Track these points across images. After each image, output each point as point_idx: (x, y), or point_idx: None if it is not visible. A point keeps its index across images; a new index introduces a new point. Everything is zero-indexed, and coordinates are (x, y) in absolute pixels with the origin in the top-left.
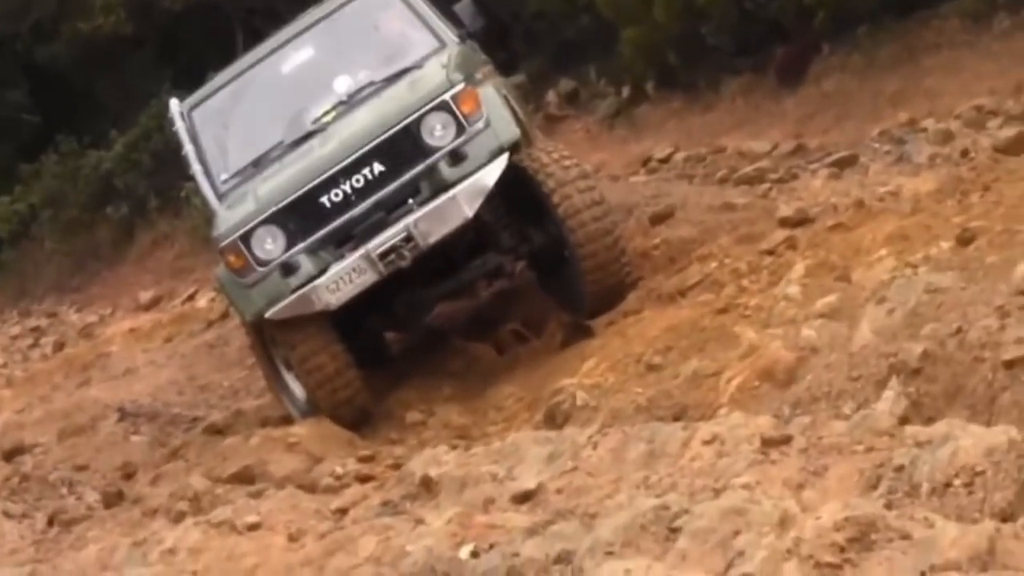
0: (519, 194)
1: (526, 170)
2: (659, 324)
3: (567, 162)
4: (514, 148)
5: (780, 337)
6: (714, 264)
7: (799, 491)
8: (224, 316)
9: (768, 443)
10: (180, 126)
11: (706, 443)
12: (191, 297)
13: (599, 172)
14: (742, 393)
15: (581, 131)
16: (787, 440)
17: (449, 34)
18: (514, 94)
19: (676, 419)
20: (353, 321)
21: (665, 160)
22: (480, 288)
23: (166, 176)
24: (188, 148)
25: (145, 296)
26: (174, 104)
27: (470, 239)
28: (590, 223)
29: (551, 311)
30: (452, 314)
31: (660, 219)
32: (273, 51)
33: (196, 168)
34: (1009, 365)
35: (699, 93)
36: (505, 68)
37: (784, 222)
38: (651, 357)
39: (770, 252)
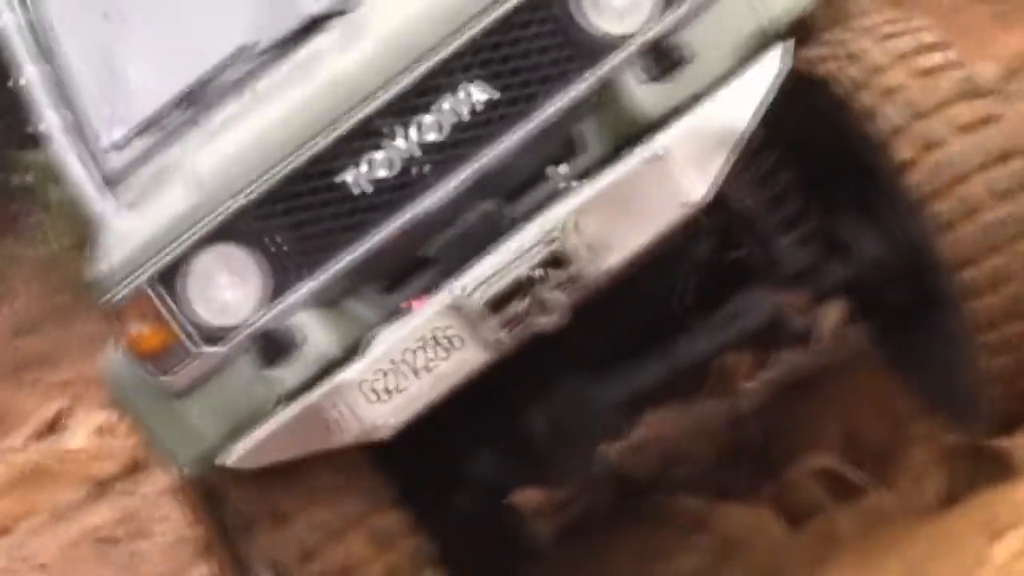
0: (818, 141)
1: (828, 86)
2: None
3: (925, 60)
4: (799, 34)
5: None
6: None
7: None
8: (133, 468)
9: None
10: (8, 22)
11: None
12: (52, 426)
13: (1016, 78)
14: None
15: None
16: None
17: None
18: None
19: None
20: (437, 464)
21: None
22: (737, 373)
23: None
24: (31, 73)
25: None
26: None
27: (702, 256)
28: (989, 209)
29: (910, 420)
30: (673, 436)
31: None
32: None
33: (50, 119)
34: None
35: None
36: None
37: None
38: None
39: None
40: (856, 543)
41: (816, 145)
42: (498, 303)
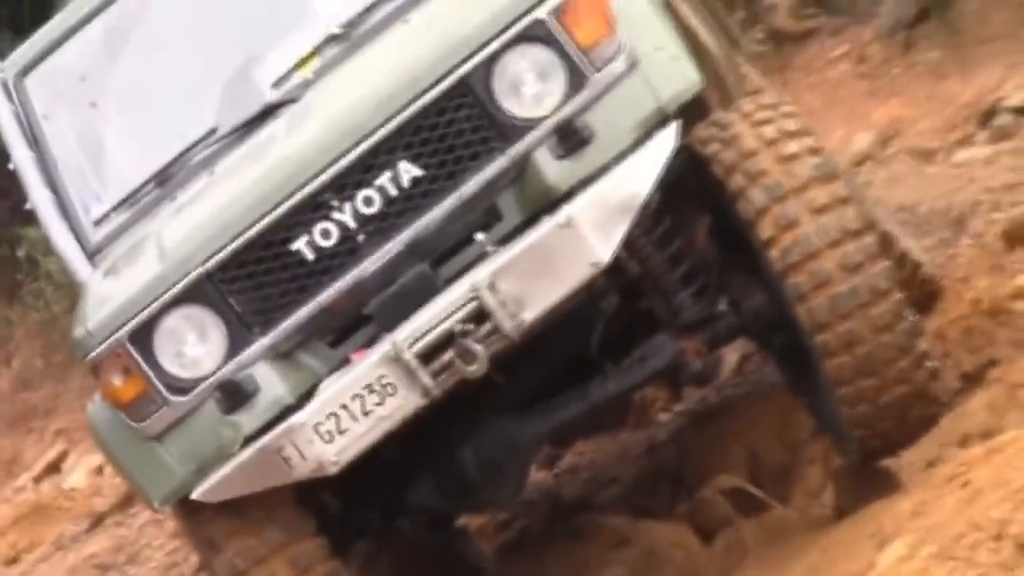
0: (711, 209)
1: (710, 166)
2: None
3: (787, 146)
4: (691, 112)
5: None
6: None
7: None
8: (126, 502)
9: None
10: (3, 111)
11: None
12: (54, 466)
13: (889, 144)
14: None
15: (844, 61)
16: None
17: None
18: None
19: None
20: (385, 494)
21: None
22: (654, 407)
23: None
24: (20, 156)
25: None
26: None
27: (611, 309)
28: (838, 282)
29: (806, 444)
30: (600, 464)
31: None
32: None
33: (37, 197)
34: None
35: None
36: None
37: None
38: None
39: None
40: (761, 552)
41: (712, 212)
42: (429, 354)
